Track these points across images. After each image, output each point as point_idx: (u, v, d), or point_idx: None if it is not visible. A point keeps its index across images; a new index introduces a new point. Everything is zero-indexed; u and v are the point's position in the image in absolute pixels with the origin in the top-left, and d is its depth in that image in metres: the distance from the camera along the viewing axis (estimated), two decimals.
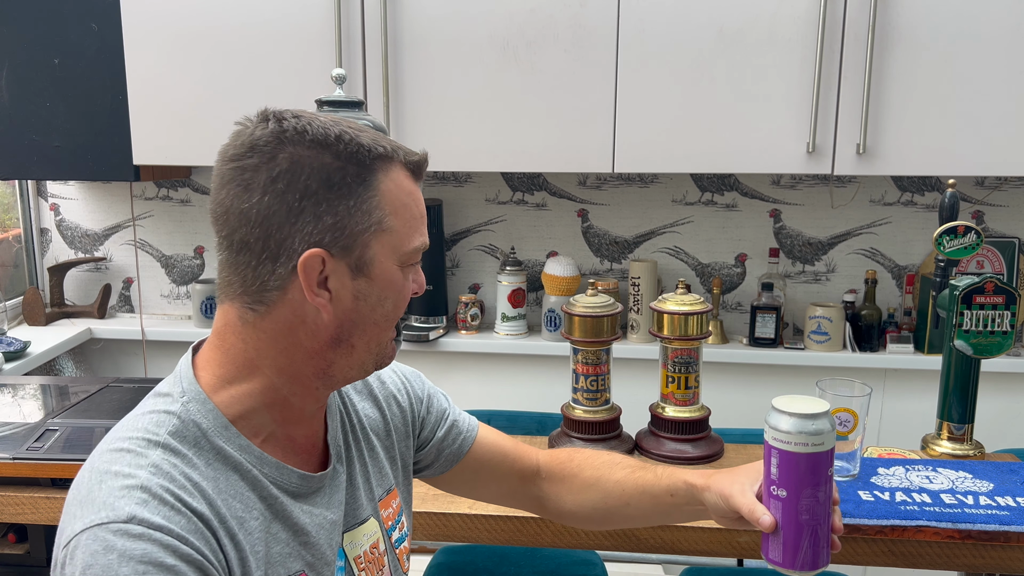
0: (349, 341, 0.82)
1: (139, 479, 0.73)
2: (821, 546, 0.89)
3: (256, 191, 0.76)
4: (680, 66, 2.10)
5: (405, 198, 0.82)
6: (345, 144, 0.78)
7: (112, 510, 0.70)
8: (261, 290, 0.79)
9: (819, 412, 0.88)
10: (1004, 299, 1.50)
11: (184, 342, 2.65)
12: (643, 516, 1.07)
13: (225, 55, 2.23)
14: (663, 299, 1.57)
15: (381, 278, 0.81)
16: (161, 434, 0.77)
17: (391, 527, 0.97)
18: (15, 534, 1.50)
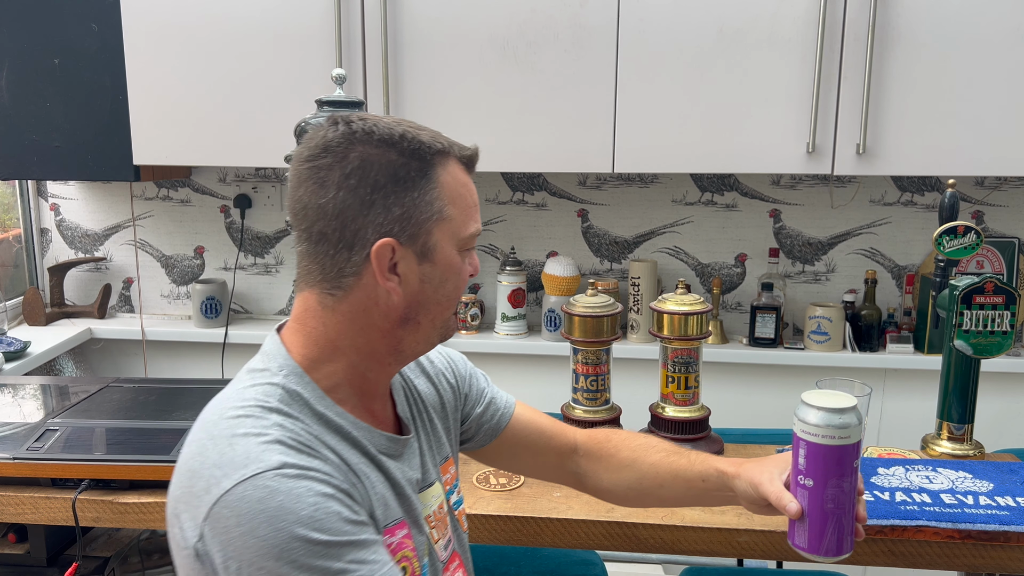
0: (416, 320, 0.90)
1: (272, 435, 0.80)
2: (845, 534, 0.94)
3: (331, 187, 0.85)
4: (680, 66, 2.10)
5: (460, 188, 0.91)
6: (408, 142, 0.87)
7: (261, 462, 0.77)
8: (339, 276, 0.87)
9: (846, 407, 0.92)
10: (1004, 299, 1.50)
11: (184, 342, 2.65)
12: (676, 498, 1.12)
13: (225, 55, 2.23)
14: (663, 299, 1.57)
15: (443, 262, 0.90)
16: (272, 402, 0.85)
17: (449, 491, 1.05)
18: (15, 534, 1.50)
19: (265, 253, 2.73)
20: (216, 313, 2.65)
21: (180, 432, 1.41)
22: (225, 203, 2.71)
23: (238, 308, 2.76)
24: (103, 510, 1.34)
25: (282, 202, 2.68)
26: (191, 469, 0.81)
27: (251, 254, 2.73)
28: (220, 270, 2.75)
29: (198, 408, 1.50)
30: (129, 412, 1.51)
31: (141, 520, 1.35)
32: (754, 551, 1.28)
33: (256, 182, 2.68)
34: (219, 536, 0.76)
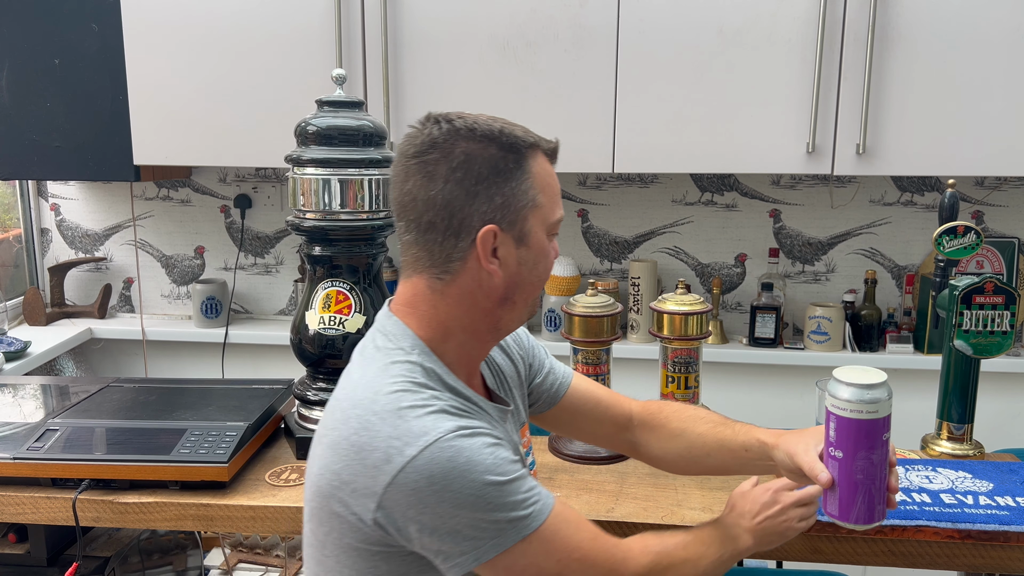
0: (513, 299, 1.00)
1: (436, 405, 0.90)
2: (875, 503, 0.98)
3: (439, 180, 0.94)
4: (680, 66, 2.10)
5: (548, 178, 1.01)
6: (506, 136, 0.96)
7: (438, 429, 0.87)
8: (446, 261, 0.96)
9: (875, 383, 0.97)
10: (1004, 299, 1.50)
11: (184, 342, 2.65)
12: (722, 467, 1.20)
13: (225, 55, 2.23)
14: (663, 299, 1.57)
15: (536, 246, 0.99)
16: (418, 377, 0.94)
17: (526, 453, 1.16)
18: (15, 534, 1.50)
19: (265, 253, 2.73)
20: (216, 313, 2.65)
21: (180, 432, 1.41)
22: (225, 203, 2.71)
23: (238, 308, 2.76)
24: (103, 510, 1.34)
25: (282, 202, 2.68)
26: (358, 444, 0.88)
27: (251, 254, 2.73)
28: (220, 270, 2.75)
29: (198, 408, 1.51)
30: (129, 412, 1.51)
31: (141, 520, 1.35)
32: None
33: (256, 182, 2.68)
34: (407, 499, 0.85)
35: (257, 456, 1.51)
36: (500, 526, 0.87)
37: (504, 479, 0.87)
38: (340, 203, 1.44)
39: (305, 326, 1.49)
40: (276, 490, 1.38)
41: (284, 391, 1.64)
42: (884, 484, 0.99)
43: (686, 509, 1.33)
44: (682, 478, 1.45)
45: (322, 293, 1.49)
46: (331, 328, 1.47)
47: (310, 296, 1.50)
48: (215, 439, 1.39)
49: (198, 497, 1.35)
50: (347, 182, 1.43)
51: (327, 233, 1.46)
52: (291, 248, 2.71)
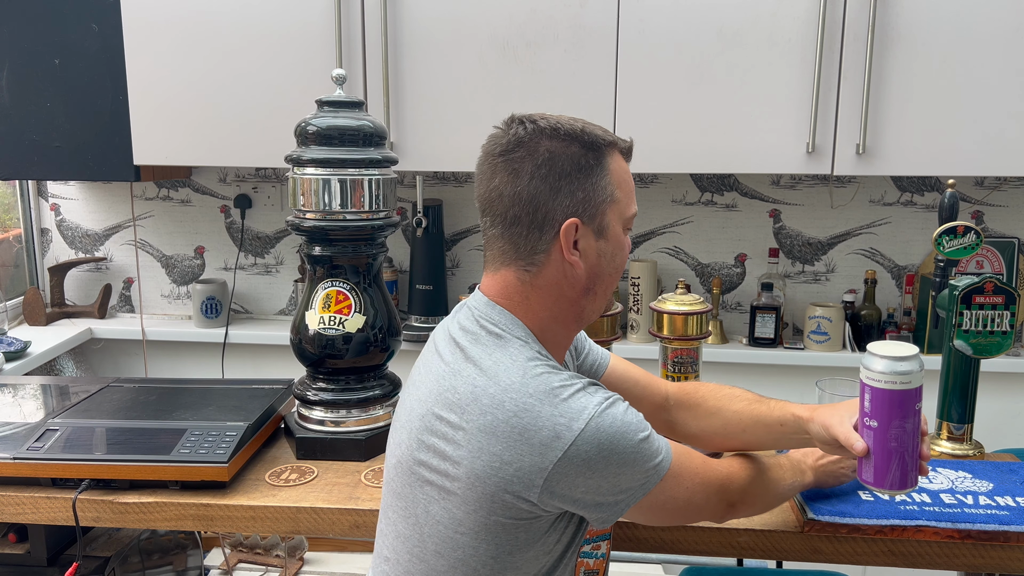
0: (595, 290, 1.05)
1: (578, 384, 0.97)
2: (909, 469, 1.05)
3: (524, 177, 1.00)
4: (680, 66, 2.10)
5: (624, 175, 1.05)
6: (587, 136, 1.01)
7: (592, 403, 0.95)
8: (531, 253, 1.02)
9: (908, 355, 1.03)
10: (1003, 299, 1.50)
11: (184, 342, 2.65)
12: (757, 442, 1.23)
13: (225, 55, 2.23)
14: (663, 299, 1.56)
15: (614, 239, 1.05)
16: (549, 361, 1.01)
17: None
18: (15, 534, 1.50)
19: (265, 253, 2.73)
20: (216, 313, 2.65)
21: (180, 432, 1.41)
22: (225, 203, 2.71)
23: (238, 308, 2.76)
24: (103, 510, 1.34)
25: (282, 202, 2.69)
26: (519, 426, 0.94)
27: (251, 254, 2.74)
28: (220, 270, 2.75)
29: (198, 408, 1.51)
30: (129, 412, 1.51)
31: (141, 520, 1.35)
32: (754, 551, 1.28)
33: (256, 182, 2.68)
34: (578, 469, 0.93)
35: (257, 456, 1.51)
36: (648, 474, 0.98)
37: (647, 433, 0.98)
38: (340, 203, 1.44)
39: (305, 326, 1.49)
40: (276, 490, 1.38)
41: (284, 391, 1.64)
42: (917, 452, 1.05)
43: None
44: None
45: (322, 293, 1.49)
46: (331, 328, 1.47)
47: (310, 296, 1.50)
48: (215, 439, 1.39)
49: (198, 497, 1.34)
50: (347, 182, 1.43)
51: (327, 233, 1.46)
52: (291, 248, 2.71)
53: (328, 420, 1.51)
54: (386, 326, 1.51)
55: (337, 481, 1.40)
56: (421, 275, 2.53)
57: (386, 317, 1.52)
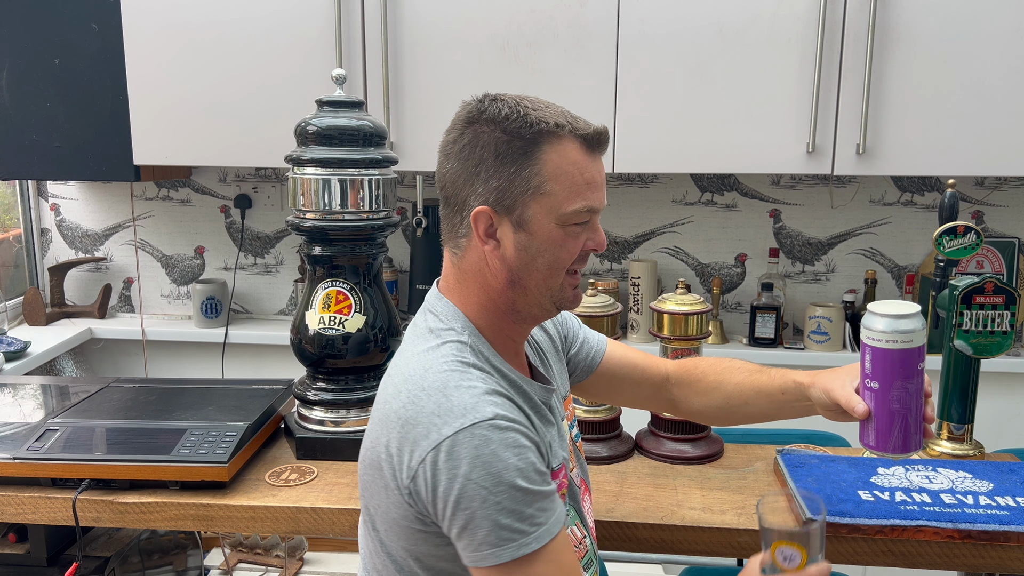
0: (522, 284, 0.99)
1: (482, 388, 0.91)
2: (912, 432, 1.02)
3: (452, 159, 0.98)
4: (680, 66, 2.10)
5: (568, 167, 0.96)
6: (514, 122, 0.94)
7: (477, 413, 0.88)
8: (455, 236, 1.01)
9: (908, 313, 1.00)
10: (1004, 299, 1.50)
11: (184, 342, 2.65)
12: (760, 413, 1.21)
13: (225, 55, 2.23)
14: (663, 299, 1.57)
15: (540, 234, 0.97)
16: (468, 358, 0.96)
17: (570, 425, 1.16)
18: (15, 534, 1.50)
19: (265, 253, 2.73)
20: (216, 313, 2.65)
21: (180, 432, 1.41)
22: (225, 203, 2.71)
23: (238, 308, 2.76)
24: (103, 510, 1.34)
25: (282, 202, 2.68)
26: (405, 418, 0.90)
27: (251, 254, 2.74)
28: (220, 270, 2.75)
29: (198, 408, 1.51)
30: (129, 412, 1.51)
31: (141, 520, 1.35)
32: (754, 551, 1.28)
33: (256, 182, 2.68)
34: (435, 478, 0.87)
35: (257, 456, 1.51)
36: (506, 533, 0.86)
37: (523, 485, 0.86)
38: (340, 203, 1.44)
39: (305, 326, 1.49)
40: (276, 490, 1.38)
41: (284, 391, 1.64)
42: (920, 414, 1.02)
43: (686, 509, 1.33)
44: (682, 478, 1.45)
45: (322, 293, 1.49)
46: (331, 328, 1.47)
47: (310, 296, 1.50)
48: (215, 439, 1.38)
49: (198, 497, 1.34)
50: (347, 182, 1.43)
51: (327, 233, 1.46)
52: (291, 248, 2.71)
53: (328, 420, 1.51)
54: (386, 326, 1.51)
55: (337, 481, 1.40)
56: (421, 275, 2.54)
57: (386, 317, 1.52)
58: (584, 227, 0.99)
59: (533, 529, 0.87)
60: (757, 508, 1.00)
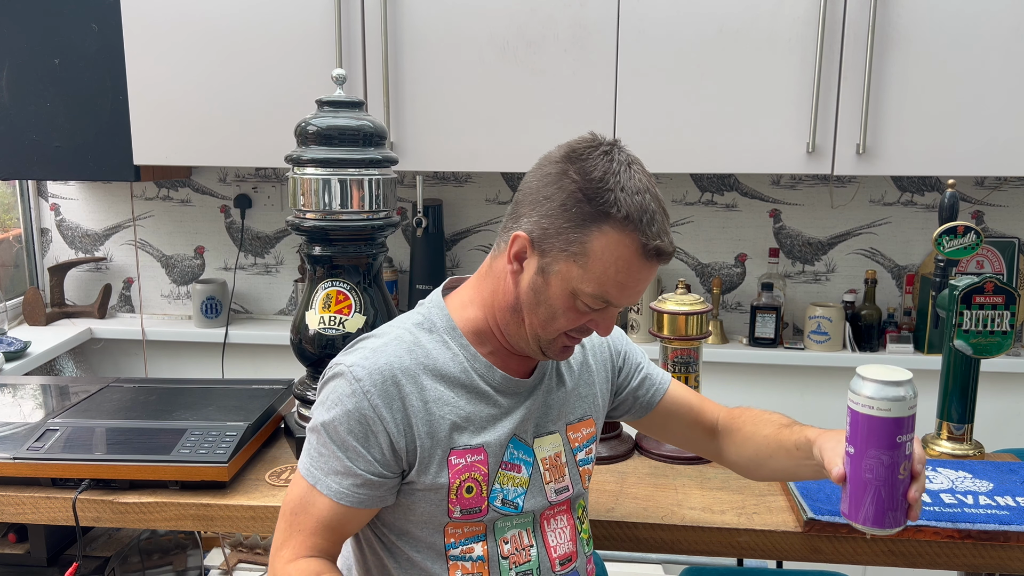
0: (519, 313, 1.03)
1: (372, 344, 1.05)
2: (886, 507, 0.95)
3: (538, 176, 1.02)
4: (680, 66, 2.10)
5: (609, 258, 0.96)
6: (595, 187, 0.95)
7: (346, 355, 1.06)
8: (499, 240, 1.06)
9: (891, 380, 0.93)
10: (1004, 299, 1.50)
11: (184, 342, 2.65)
12: (783, 469, 1.17)
13: (225, 55, 2.23)
14: (663, 299, 1.57)
15: (552, 288, 1.00)
16: (414, 318, 1.09)
17: (577, 448, 1.16)
18: (15, 534, 1.50)
19: (265, 253, 2.73)
20: (216, 313, 2.65)
21: (180, 432, 1.41)
22: (225, 203, 2.71)
23: (238, 308, 2.76)
24: (103, 510, 1.34)
25: (282, 202, 2.68)
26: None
27: (251, 254, 2.73)
28: (220, 270, 2.75)
29: (198, 408, 1.51)
30: (129, 412, 1.51)
31: (141, 520, 1.35)
32: (754, 551, 1.28)
33: (256, 182, 2.68)
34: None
35: (257, 456, 1.51)
36: (306, 456, 1.05)
37: (333, 423, 1.01)
38: (340, 203, 1.44)
39: (305, 326, 1.49)
40: (276, 490, 1.38)
41: (284, 391, 1.64)
42: (899, 490, 0.95)
43: (686, 509, 1.33)
44: (682, 478, 1.45)
45: (322, 293, 1.49)
46: (331, 328, 1.47)
47: (310, 296, 1.50)
48: (215, 439, 1.39)
49: (198, 497, 1.35)
50: (347, 182, 1.43)
51: (327, 233, 1.46)
52: (291, 248, 2.71)
53: None
54: None
55: None
56: (421, 275, 2.53)
57: (386, 317, 1.52)
58: (595, 311, 1.01)
59: (316, 467, 1.03)
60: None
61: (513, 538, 1.09)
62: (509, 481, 1.08)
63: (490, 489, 1.06)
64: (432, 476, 1.03)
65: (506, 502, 1.07)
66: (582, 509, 1.19)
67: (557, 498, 1.13)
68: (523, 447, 1.10)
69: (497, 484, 1.07)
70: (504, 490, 1.07)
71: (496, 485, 1.07)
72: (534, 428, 1.11)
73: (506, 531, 1.08)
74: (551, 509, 1.13)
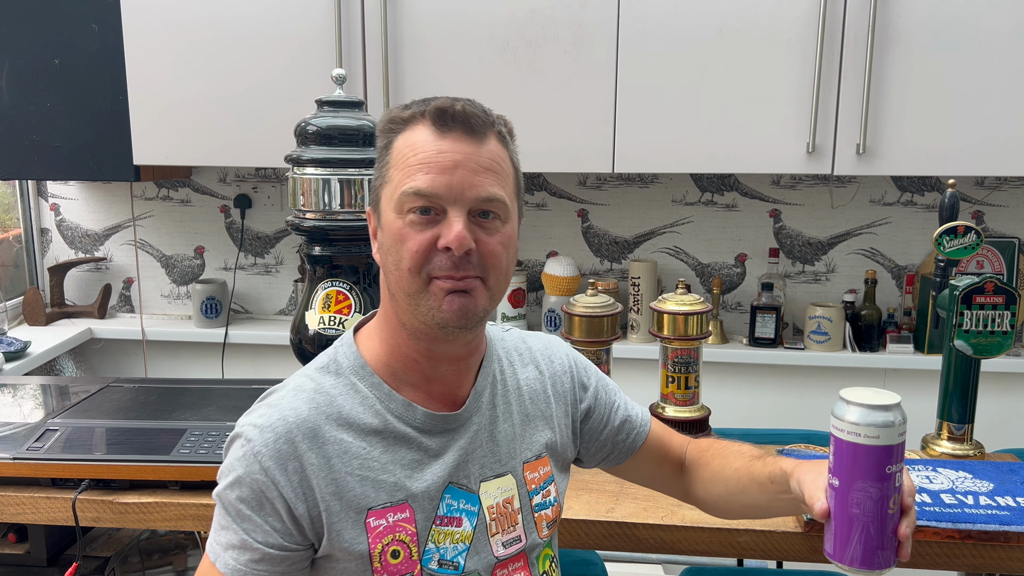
0: (391, 288, 0.91)
1: (273, 400, 0.92)
2: (875, 546, 0.87)
3: None
4: (680, 66, 2.10)
5: (406, 149, 0.89)
6: (382, 120, 0.93)
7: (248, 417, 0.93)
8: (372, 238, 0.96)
9: (879, 404, 0.86)
10: (1004, 299, 1.50)
11: (184, 342, 2.65)
12: (755, 504, 1.05)
13: (225, 55, 2.23)
14: (663, 299, 1.56)
15: (387, 227, 0.90)
16: (318, 364, 0.96)
17: (534, 490, 1.01)
18: (15, 534, 1.50)
19: (265, 253, 2.73)
20: (216, 313, 2.65)
21: (180, 432, 1.41)
22: (225, 203, 2.71)
23: (238, 308, 2.76)
24: (103, 510, 1.34)
25: (282, 202, 2.68)
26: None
27: (251, 254, 2.73)
28: (220, 270, 2.75)
29: (198, 408, 1.51)
30: (129, 412, 1.51)
31: (141, 520, 1.34)
32: (754, 551, 1.28)
33: (256, 182, 2.68)
34: None
35: None
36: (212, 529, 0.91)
37: (218, 502, 0.90)
38: (340, 203, 1.44)
39: (305, 326, 1.49)
40: None
41: None
42: (888, 526, 0.87)
43: (686, 509, 1.33)
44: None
45: (322, 293, 1.49)
46: (331, 328, 1.47)
47: (310, 296, 1.50)
48: (215, 439, 1.38)
49: (198, 497, 1.34)
50: (347, 182, 1.43)
51: (327, 233, 1.46)
52: (291, 248, 2.71)
53: None
54: None
55: None
56: None
57: None
58: (430, 219, 0.87)
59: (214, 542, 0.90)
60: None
61: None
62: (446, 538, 0.93)
63: (422, 551, 0.91)
64: (348, 543, 0.88)
65: (444, 563, 0.92)
66: (549, 562, 1.05)
67: (506, 552, 0.97)
68: (464, 495, 0.95)
69: (431, 543, 0.92)
70: (441, 549, 0.92)
71: (430, 545, 0.92)
72: (479, 470, 0.96)
73: None
74: (502, 567, 0.97)
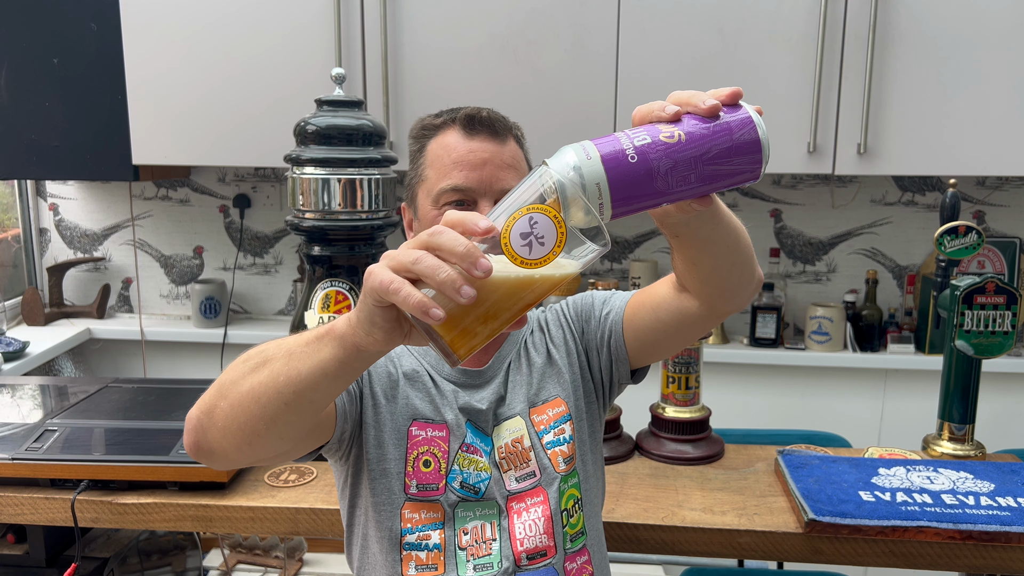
0: None
1: None
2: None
3: None
4: (680, 66, 2.09)
5: (440, 151, 1.06)
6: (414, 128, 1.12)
7: None
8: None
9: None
10: (1005, 299, 1.50)
11: (183, 342, 2.65)
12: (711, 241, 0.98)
13: (224, 55, 2.22)
14: None
15: (424, 218, 1.06)
16: None
17: (544, 430, 1.09)
18: (14, 534, 1.50)
19: (264, 253, 2.72)
20: (215, 313, 2.64)
21: (179, 432, 1.40)
22: (224, 203, 2.71)
23: (237, 308, 2.76)
24: (102, 510, 1.34)
25: (282, 202, 2.68)
26: None
27: (250, 254, 2.73)
28: (219, 270, 2.75)
29: None
30: (128, 412, 1.51)
31: (140, 520, 1.34)
32: (755, 552, 1.28)
33: (255, 182, 2.68)
34: None
35: None
36: None
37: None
38: (339, 203, 1.44)
39: (304, 326, 1.49)
40: (275, 491, 1.37)
41: None
42: None
43: (687, 510, 1.33)
44: (682, 479, 1.45)
45: (321, 293, 1.48)
46: None
47: (309, 296, 1.50)
48: None
49: (197, 498, 1.34)
50: (346, 182, 1.43)
51: (326, 233, 1.45)
52: (290, 248, 2.71)
53: None
54: None
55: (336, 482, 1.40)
56: None
57: None
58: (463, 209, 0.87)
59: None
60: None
61: (474, 529, 1.04)
62: (471, 464, 1.05)
63: (448, 468, 1.04)
64: (389, 438, 1.04)
65: (465, 486, 1.04)
66: (573, 502, 1.08)
67: (519, 486, 1.06)
68: (481, 435, 1.08)
69: (456, 466, 1.05)
70: (464, 473, 1.05)
71: (455, 466, 1.05)
72: (493, 417, 1.09)
73: (467, 521, 1.04)
74: (519, 500, 1.06)
